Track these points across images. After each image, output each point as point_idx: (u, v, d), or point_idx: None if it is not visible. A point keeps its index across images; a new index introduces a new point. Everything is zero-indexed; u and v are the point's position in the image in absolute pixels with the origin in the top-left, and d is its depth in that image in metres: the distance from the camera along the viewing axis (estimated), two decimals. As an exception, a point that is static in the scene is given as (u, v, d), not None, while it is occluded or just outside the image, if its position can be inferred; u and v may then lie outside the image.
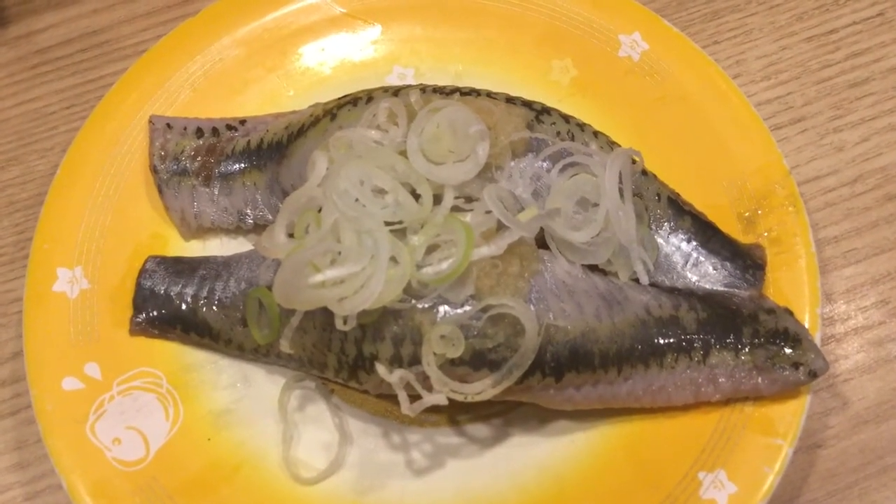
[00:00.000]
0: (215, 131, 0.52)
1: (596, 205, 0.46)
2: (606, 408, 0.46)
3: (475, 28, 0.56)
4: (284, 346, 0.44)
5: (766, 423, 0.46)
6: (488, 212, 0.43)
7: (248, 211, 0.51)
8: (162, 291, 0.49)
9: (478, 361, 0.43)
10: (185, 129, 0.52)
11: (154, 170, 0.51)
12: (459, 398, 0.42)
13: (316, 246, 0.41)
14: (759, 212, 0.51)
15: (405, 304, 0.42)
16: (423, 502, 0.46)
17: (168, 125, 0.52)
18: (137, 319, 0.49)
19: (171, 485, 0.45)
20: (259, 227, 0.51)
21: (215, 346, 0.49)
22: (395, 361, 0.43)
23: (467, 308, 0.42)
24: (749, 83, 0.61)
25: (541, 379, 0.44)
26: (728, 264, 0.48)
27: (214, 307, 0.48)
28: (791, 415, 0.46)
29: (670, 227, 0.49)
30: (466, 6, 0.57)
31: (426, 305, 0.43)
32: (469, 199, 0.45)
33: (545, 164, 0.46)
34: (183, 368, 0.49)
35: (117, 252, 0.51)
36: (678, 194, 0.50)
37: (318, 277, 0.40)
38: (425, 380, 0.42)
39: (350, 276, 0.40)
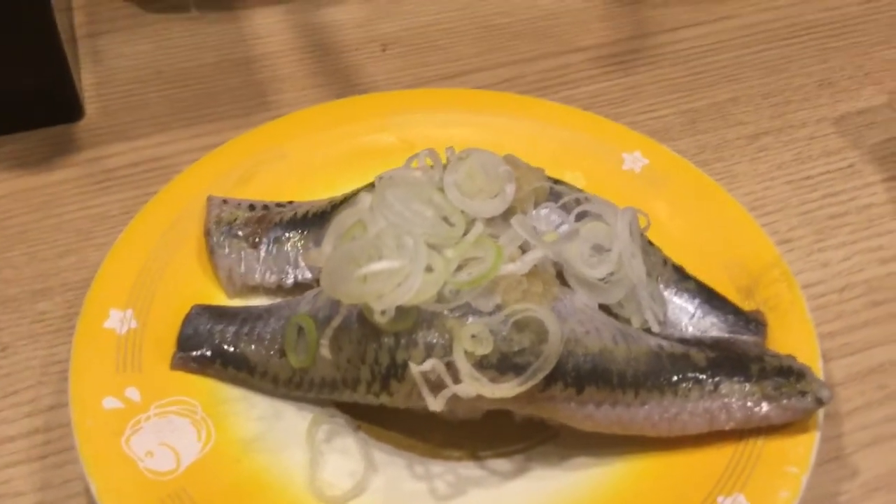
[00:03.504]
0: (266, 207, 0.59)
1: (609, 250, 0.51)
2: (625, 435, 0.48)
3: (501, 146, 0.63)
4: (325, 351, 0.47)
5: (779, 454, 0.48)
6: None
7: (290, 270, 0.56)
8: (205, 331, 0.52)
9: (504, 365, 0.45)
10: (239, 204, 0.59)
11: (208, 233, 0.57)
12: (486, 393, 0.45)
13: (361, 242, 0.45)
14: (757, 285, 0.56)
15: (438, 308, 0.46)
16: (447, 527, 0.47)
17: (224, 201, 0.59)
18: (179, 355, 0.52)
19: (200, 496, 0.46)
20: (298, 287, 0.56)
21: (251, 381, 0.51)
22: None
23: (495, 315, 0.46)
24: (738, 213, 0.68)
25: (563, 388, 0.46)
26: (731, 317, 0.53)
27: (254, 343, 0.51)
28: (803, 446, 0.48)
29: (676, 289, 0.54)
30: (496, 126, 0.65)
31: (457, 313, 0.46)
32: (495, 238, 0.50)
33: (563, 212, 0.52)
34: (218, 401, 0.51)
35: (166, 302, 0.55)
36: (682, 266, 0.55)
37: (362, 271, 0.45)
38: (455, 375, 0.45)
39: (390, 271, 0.45)
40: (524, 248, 0.49)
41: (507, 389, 0.45)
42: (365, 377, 0.48)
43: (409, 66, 0.80)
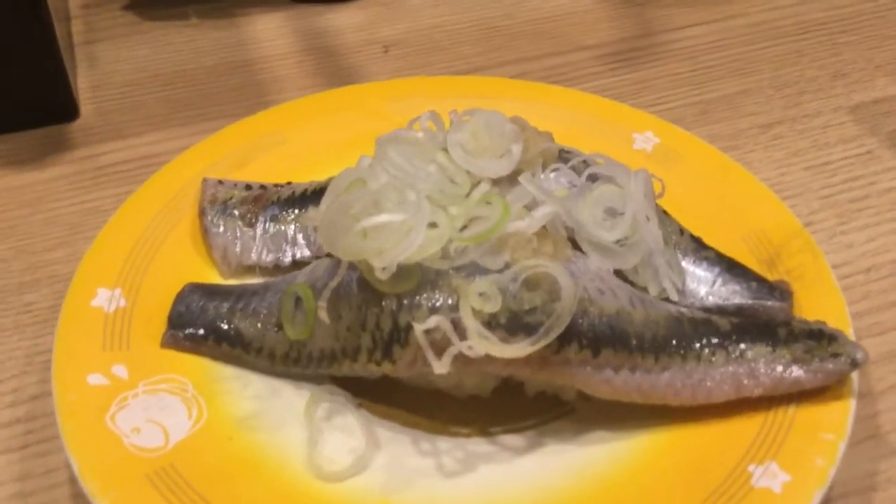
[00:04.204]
0: (263, 187, 0.56)
1: (622, 214, 0.48)
2: (647, 406, 0.45)
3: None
4: (323, 315, 0.44)
5: (812, 421, 0.44)
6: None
7: (287, 248, 0.53)
8: (197, 308, 0.49)
9: (514, 325, 0.42)
10: (235, 184, 0.56)
11: (202, 213, 0.54)
12: (496, 352, 0.41)
13: (361, 195, 0.43)
14: (780, 255, 0.53)
15: (443, 266, 0.43)
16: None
17: (219, 182, 0.56)
18: (170, 332, 0.49)
19: (189, 472, 0.43)
20: (297, 266, 0.53)
21: (245, 358, 0.48)
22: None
23: (503, 273, 0.43)
24: (755, 198, 0.65)
25: (578, 350, 0.43)
26: (754, 284, 0.49)
27: (249, 318, 0.48)
28: (838, 413, 0.44)
29: (694, 258, 0.51)
30: (501, 110, 0.62)
31: (463, 272, 0.43)
32: (502, 198, 0.47)
33: (574, 174, 0.50)
34: (211, 379, 0.48)
35: (158, 282, 0.52)
36: (700, 237, 0.53)
37: (361, 224, 0.42)
38: (462, 334, 0.42)
39: (391, 224, 0.42)
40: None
41: (517, 349, 0.42)
42: (366, 345, 0.45)
43: (412, 65, 0.79)
